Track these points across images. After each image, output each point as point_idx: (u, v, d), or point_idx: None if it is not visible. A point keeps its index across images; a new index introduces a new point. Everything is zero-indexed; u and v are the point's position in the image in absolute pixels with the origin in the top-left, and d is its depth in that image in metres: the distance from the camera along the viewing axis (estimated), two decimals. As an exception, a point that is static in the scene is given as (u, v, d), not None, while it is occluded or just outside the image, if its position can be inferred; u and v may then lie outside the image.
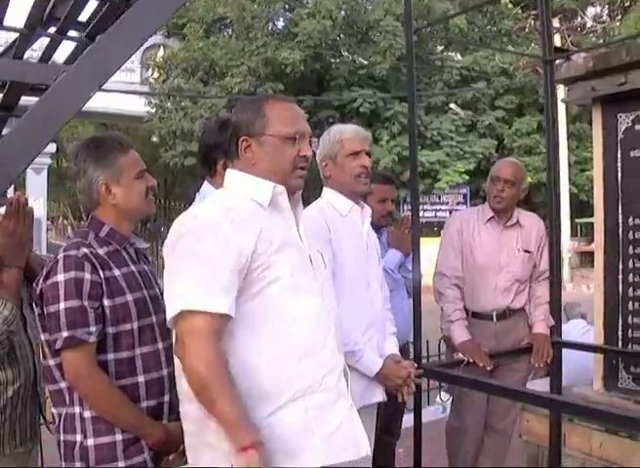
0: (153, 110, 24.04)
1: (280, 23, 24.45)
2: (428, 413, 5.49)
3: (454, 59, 25.65)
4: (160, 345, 2.24)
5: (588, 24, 25.34)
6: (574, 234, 24.57)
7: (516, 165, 3.85)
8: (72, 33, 1.62)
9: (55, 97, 0.91)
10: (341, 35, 24.71)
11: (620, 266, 3.52)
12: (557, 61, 3.50)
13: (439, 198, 26.34)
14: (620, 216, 3.50)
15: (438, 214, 26.52)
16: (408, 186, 4.33)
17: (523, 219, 3.78)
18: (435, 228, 24.39)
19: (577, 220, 25.37)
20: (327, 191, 2.79)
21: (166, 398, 2.23)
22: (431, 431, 4.00)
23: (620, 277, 3.52)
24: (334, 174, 2.78)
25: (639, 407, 3.38)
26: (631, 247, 3.47)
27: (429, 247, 4.55)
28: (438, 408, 5.89)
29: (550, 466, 3.53)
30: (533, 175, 22.53)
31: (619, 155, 3.48)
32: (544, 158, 25.58)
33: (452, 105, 24.44)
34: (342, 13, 23.70)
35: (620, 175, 3.48)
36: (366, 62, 24.25)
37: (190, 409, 1.92)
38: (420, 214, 3.82)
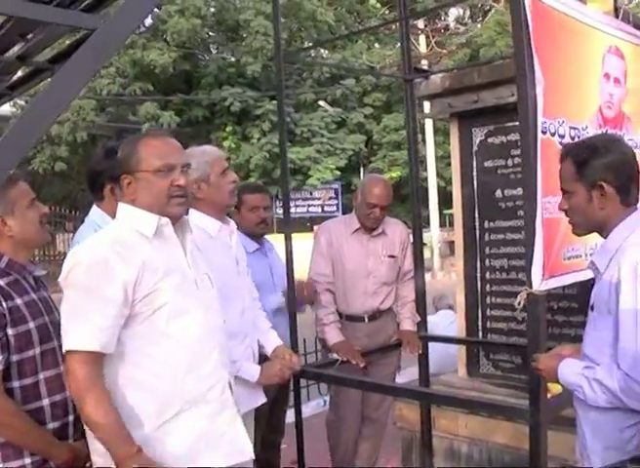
0: (19, 112, 23.03)
1: (148, 20, 23.99)
2: (309, 408, 5.76)
3: (323, 57, 26.13)
4: (62, 368, 2.30)
5: (452, 26, 26.56)
6: (442, 224, 25.60)
7: (386, 188, 3.88)
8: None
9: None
10: (210, 33, 24.62)
11: (479, 265, 3.90)
12: (418, 80, 3.80)
13: (311, 194, 26.72)
14: (477, 220, 3.87)
15: (310, 209, 26.91)
16: (279, 184, 4.43)
17: (388, 228, 3.99)
18: (308, 224, 24.77)
19: (445, 211, 26.47)
20: (194, 214, 2.72)
21: (70, 418, 2.30)
22: (315, 425, 4.27)
23: (479, 275, 3.90)
24: (208, 194, 2.83)
25: (498, 389, 3.78)
26: (487, 247, 3.85)
27: (302, 242, 4.75)
28: (319, 402, 6.16)
29: (423, 448, 3.87)
30: (402, 168, 23.26)
31: (474, 165, 3.84)
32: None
33: (321, 102, 24.84)
34: (211, 10, 23.62)
35: (475, 183, 3.85)
36: (235, 60, 24.27)
37: None
38: (293, 209, 3.94)
